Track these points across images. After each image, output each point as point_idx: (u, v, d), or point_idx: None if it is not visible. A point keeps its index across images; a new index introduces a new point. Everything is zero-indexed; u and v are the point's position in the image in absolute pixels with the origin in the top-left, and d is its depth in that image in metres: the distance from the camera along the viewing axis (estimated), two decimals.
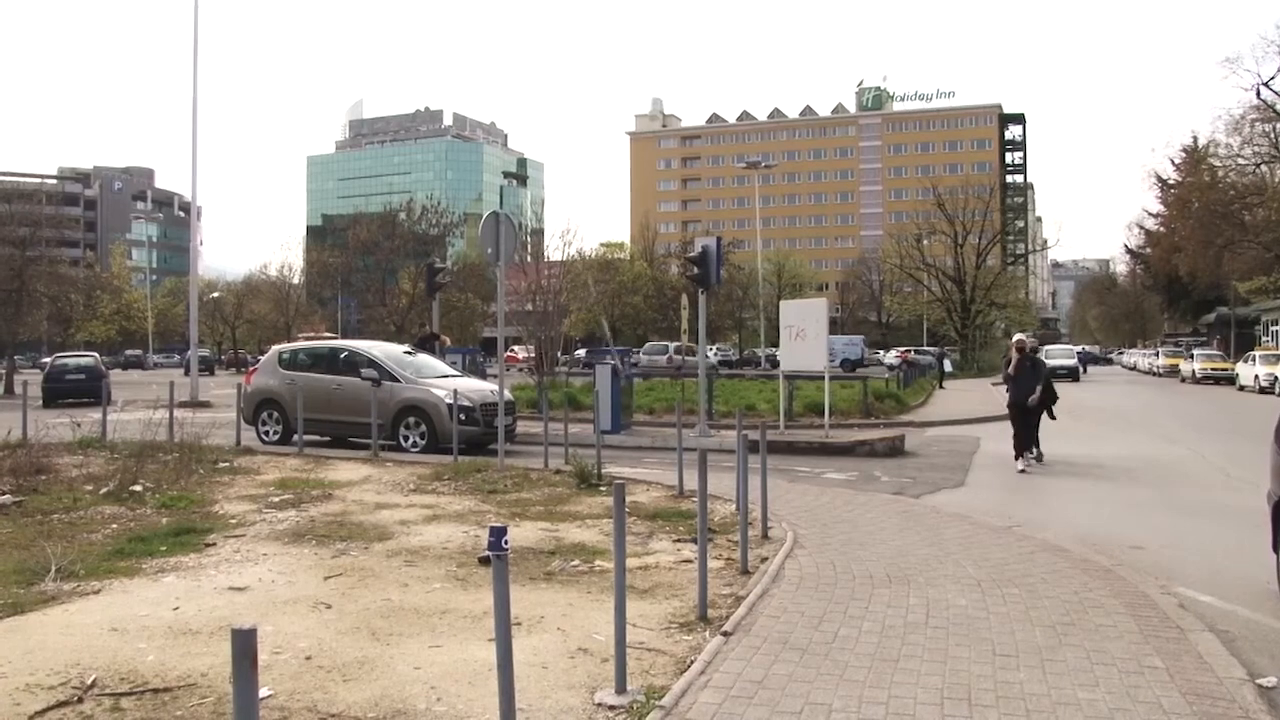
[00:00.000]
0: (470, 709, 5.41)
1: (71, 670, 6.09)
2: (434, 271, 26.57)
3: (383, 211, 68.52)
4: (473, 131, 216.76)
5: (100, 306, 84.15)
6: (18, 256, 46.39)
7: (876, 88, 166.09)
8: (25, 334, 57.02)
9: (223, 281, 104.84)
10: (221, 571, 8.80)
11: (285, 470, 15.78)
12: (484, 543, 9.44)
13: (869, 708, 5.43)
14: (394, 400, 19.09)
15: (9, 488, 13.06)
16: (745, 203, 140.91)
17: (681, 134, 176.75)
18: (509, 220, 16.24)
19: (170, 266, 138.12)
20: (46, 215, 55.07)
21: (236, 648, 2.72)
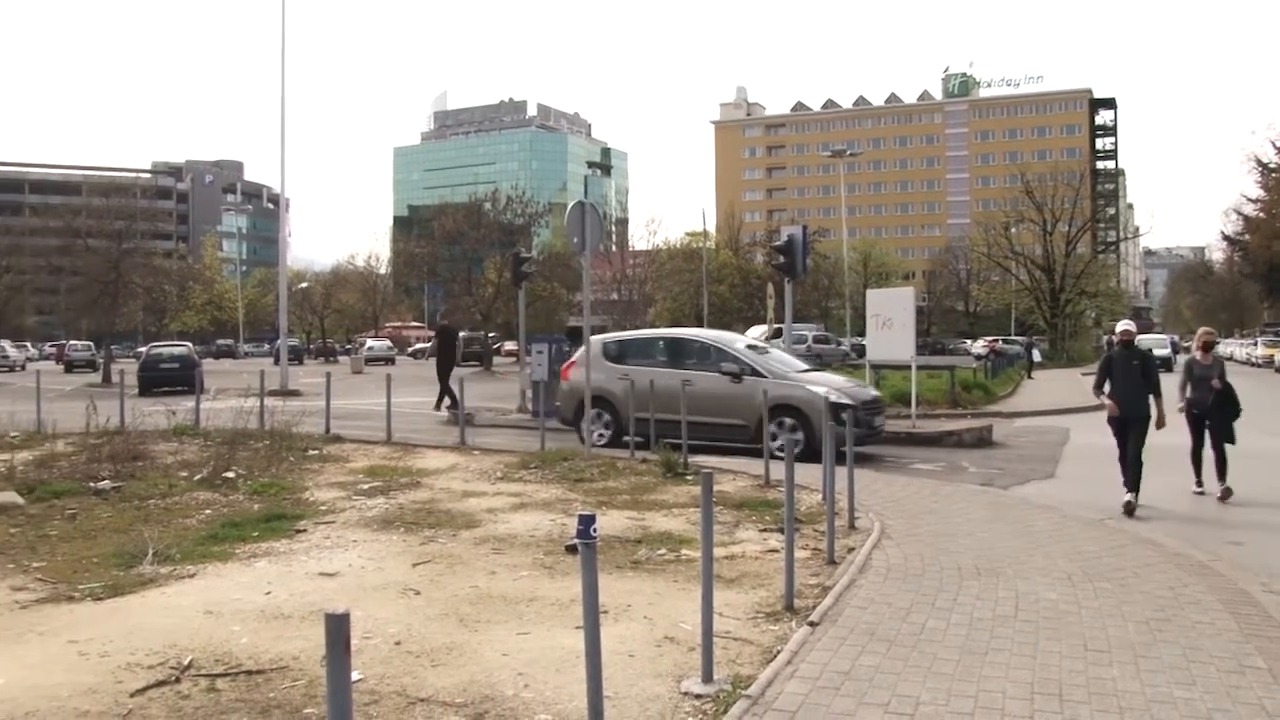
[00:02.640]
0: (557, 695, 5.45)
1: (169, 651, 6.25)
2: (520, 261, 26.74)
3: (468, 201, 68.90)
4: (557, 121, 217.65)
5: (193, 297, 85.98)
6: (114, 249, 47.55)
7: (963, 74, 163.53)
8: (122, 324, 58.52)
9: (311, 272, 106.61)
10: (312, 557, 8.97)
11: (374, 458, 16.00)
12: (570, 531, 9.51)
13: (957, 701, 5.37)
14: (760, 398, 16.27)
15: (108, 474, 13.42)
16: (830, 191, 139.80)
17: (766, 122, 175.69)
18: (594, 209, 16.28)
19: (260, 257, 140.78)
20: (141, 209, 56.34)
21: (330, 632, 2.77)
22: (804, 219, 74.43)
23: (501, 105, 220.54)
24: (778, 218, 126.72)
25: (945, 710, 5.24)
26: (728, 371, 17.23)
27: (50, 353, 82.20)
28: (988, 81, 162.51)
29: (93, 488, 12.44)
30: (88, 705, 5.38)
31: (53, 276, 55.74)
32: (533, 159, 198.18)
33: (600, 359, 18.56)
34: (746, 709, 5.20)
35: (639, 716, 5.20)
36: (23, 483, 12.65)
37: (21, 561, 8.93)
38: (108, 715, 5.25)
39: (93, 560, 8.96)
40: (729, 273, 79.02)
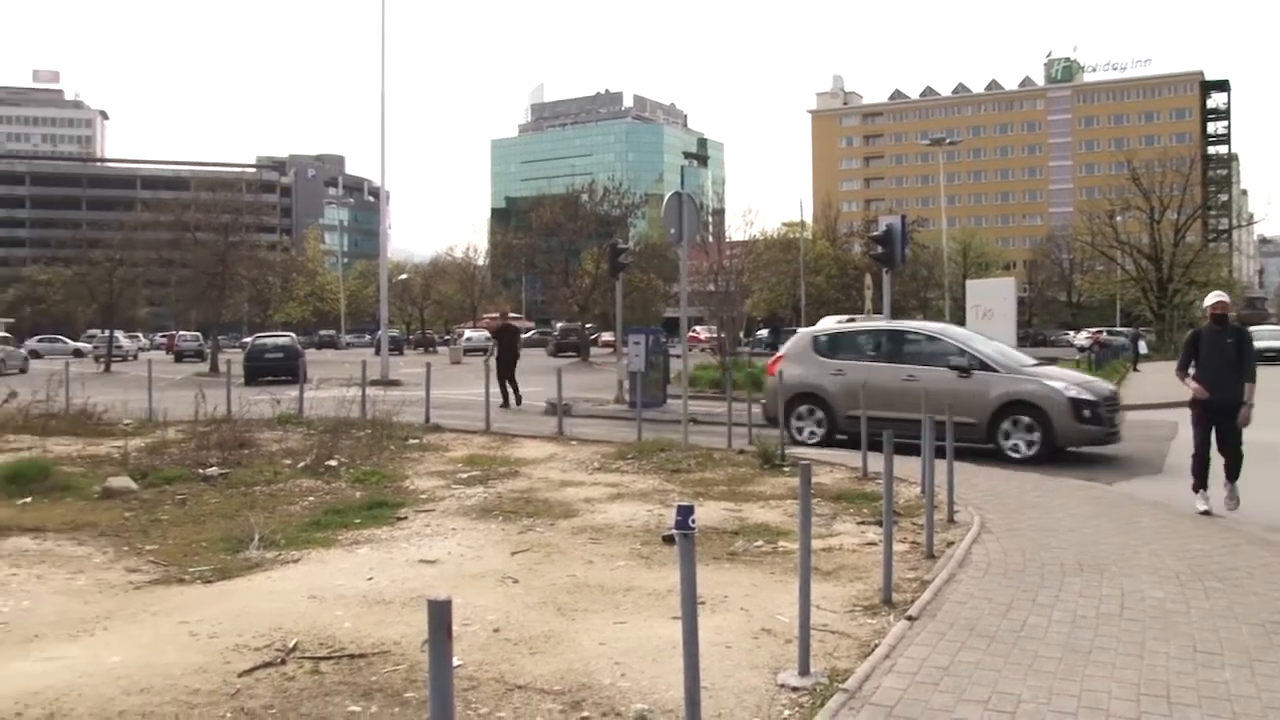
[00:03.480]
0: (654, 685, 5.47)
1: (275, 634, 6.40)
2: (617, 252, 26.86)
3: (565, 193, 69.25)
4: (653, 113, 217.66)
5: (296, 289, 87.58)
6: (221, 242, 48.70)
7: (1066, 59, 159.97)
8: (228, 315, 59.87)
9: (411, 263, 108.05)
10: (413, 545, 9.11)
11: (473, 447, 16.19)
12: (667, 521, 9.53)
13: (1060, 700, 5.27)
14: (992, 394, 15.47)
15: (216, 461, 13.78)
16: (929, 180, 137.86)
17: (863, 111, 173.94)
18: (691, 200, 16.27)
19: (361, 249, 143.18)
20: (246, 202, 57.61)
21: (433, 618, 2.81)
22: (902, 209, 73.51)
23: (598, 97, 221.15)
24: (875, 207, 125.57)
25: (1047, 709, 5.15)
26: (955, 366, 16.04)
27: (161, 343, 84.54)
28: (1092, 66, 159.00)
29: (201, 474, 12.79)
30: (198, 684, 5.53)
31: (163, 269, 57.18)
32: (629, 150, 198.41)
33: (810, 353, 17.79)
34: (844, 703, 5.17)
35: (735, 708, 5.20)
36: (136, 468, 13.06)
37: (135, 544, 9.23)
38: (217, 694, 5.40)
39: (202, 544, 9.23)
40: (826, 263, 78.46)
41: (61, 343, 72.10)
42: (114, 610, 7.07)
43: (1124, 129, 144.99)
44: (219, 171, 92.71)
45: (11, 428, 17.71)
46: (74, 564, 8.48)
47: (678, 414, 17.90)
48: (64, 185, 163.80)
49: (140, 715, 5.11)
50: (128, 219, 61.58)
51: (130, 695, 5.37)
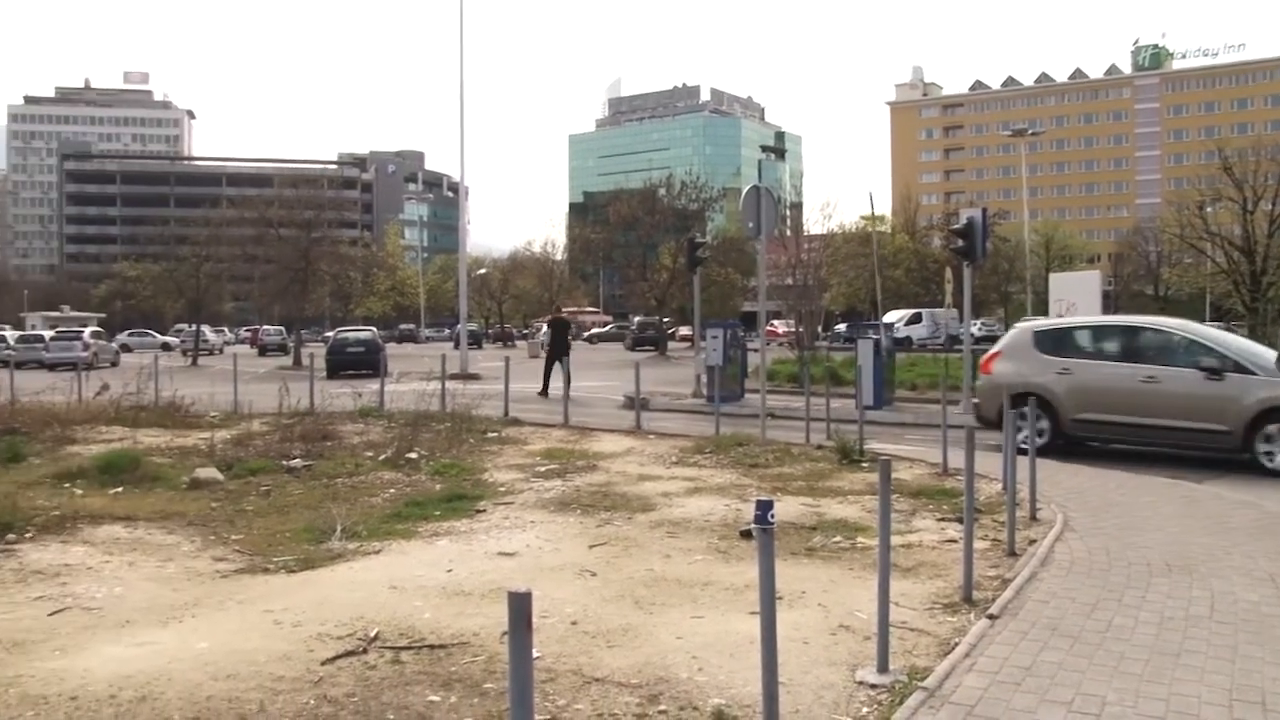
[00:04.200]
0: (731, 680, 5.46)
1: (356, 623, 6.49)
2: (695, 246, 26.81)
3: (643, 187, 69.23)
4: (730, 106, 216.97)
5: (376, 283, 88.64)
6: (304, 238, 49.44)
7: (1154, 45, 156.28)
8: (310, 310, 60.83)
9: (489, 258, 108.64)
10: (491, 537, 9.18)
11: (551, 441, 16.27)
12: (745, 516, 9.50)
13: (1147, 704, 5.16)
14: (1250, 399, 13.81)
15: (299, 452, 14.01)
16: (1011, 172, 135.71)
17: (943, 102, 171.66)
18: (769, 194, 16.20)
19: (440, 244, 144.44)
20: (328, 199, 58.49)
21: (513, 610, 2.83)
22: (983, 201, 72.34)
23: (675, 91, 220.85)
24: (955, 200, 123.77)
25: (1133, 712, 5.05)
26: (1206, 367, 14.38)
27: (245, 337, 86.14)
28: (1182, 53, 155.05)
29: (285, 466, 13.02)
30: (282, 671, 5.64)
31: (248, 265, 58.21)
32: (706, 144, 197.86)
33: (1031, 349, 16.37)
34: (923, 701, 5.11)
35: (813, 704, 5.18)
36: (222, 460, 13.34)
37: (222, 534, 9.44)
38: (300, 682, 5.49)
39: (285, 535, 9.39)
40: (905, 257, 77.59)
41: (150, 337, 73.94)
42: (201, 598, 7.23)
43: (1215, 117, 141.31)
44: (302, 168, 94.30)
45: (104, 419, 18.18)
46: (163, 552, 8.69)
47: (755, 408, 17.85)
48: (153, 184, 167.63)
49: (227, 701, 5.22)
50: (213, 216, 62.71)
51: (217, 681, 5.49)
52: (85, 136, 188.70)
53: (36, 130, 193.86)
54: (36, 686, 5.45)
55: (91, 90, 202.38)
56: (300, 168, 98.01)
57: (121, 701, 5.21)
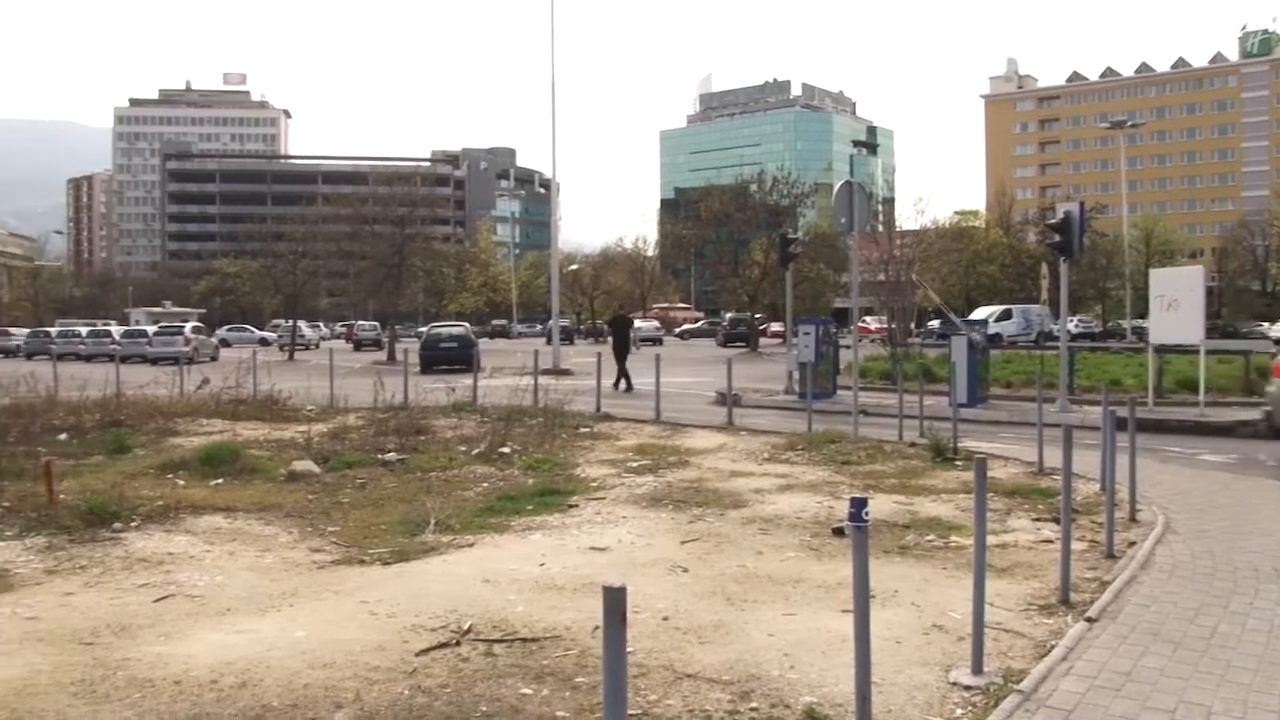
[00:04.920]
0: (823, 678, 5.42)
1: (450, 615, 6.57)
2: (787, 242, 26.66)
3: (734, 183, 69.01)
4: (821, 101, 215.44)
5: (469, 279, 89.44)
6: (398, 234, 50.03)
7: (1264, 31, 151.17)
8: (404, 305, 61.59)
9: (581, 254, 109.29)
10: (584, 532, 9.23)
11: (643, 436, 16.31)
12: (837, 513, 9.44)
13: (1257, 714, 4.99)
14: None
15: (394, 446, 14.22)
16: (1109, 165, 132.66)
17: (1039, 95, 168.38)
18: (862, 189, 16.06)
19: (532, 241, 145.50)
20: (421, 195, 59.06)
21: (608, 604, 2.84)
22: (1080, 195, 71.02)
23: (765, 86, 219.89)
24: (1051, 194, 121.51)
25: None
26: None
27: (340, 332, 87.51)
28: None
29: (380, 459, 13.22)
30: (377, 661, 5.73)
31: (343, 261, 59.13)
32: (797, 139, 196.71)
33: None
34: (1018, 704, 5.02)
35: (906, 704, 5.12)
36: (319, 453, 13.59)
37: (318, 525, 9.61)
38: (395, 672, 5.57)
39: (380, 527, 9.54)
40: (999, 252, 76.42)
41: (249, 332, 75.47)
42: (299, 588, 7.37)
43: None
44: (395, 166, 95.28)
45: (205, 412, 18.62)
46: (262, 542, 8.88)
47: (848, 405, 17.71)
48: (251, 182, 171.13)
49: (323, 689, 5.31)
50: (309, 213, 63.85)
51: (314, 669, 5.59)
52: (186, 137, 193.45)
53: (141, 132, 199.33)
54: (143, 670, 5.62)
55: (192, 92, 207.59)
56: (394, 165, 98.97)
57: (223, 687, 5.34)
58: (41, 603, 7.02)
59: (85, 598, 7.17)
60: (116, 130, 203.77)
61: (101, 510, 9.47)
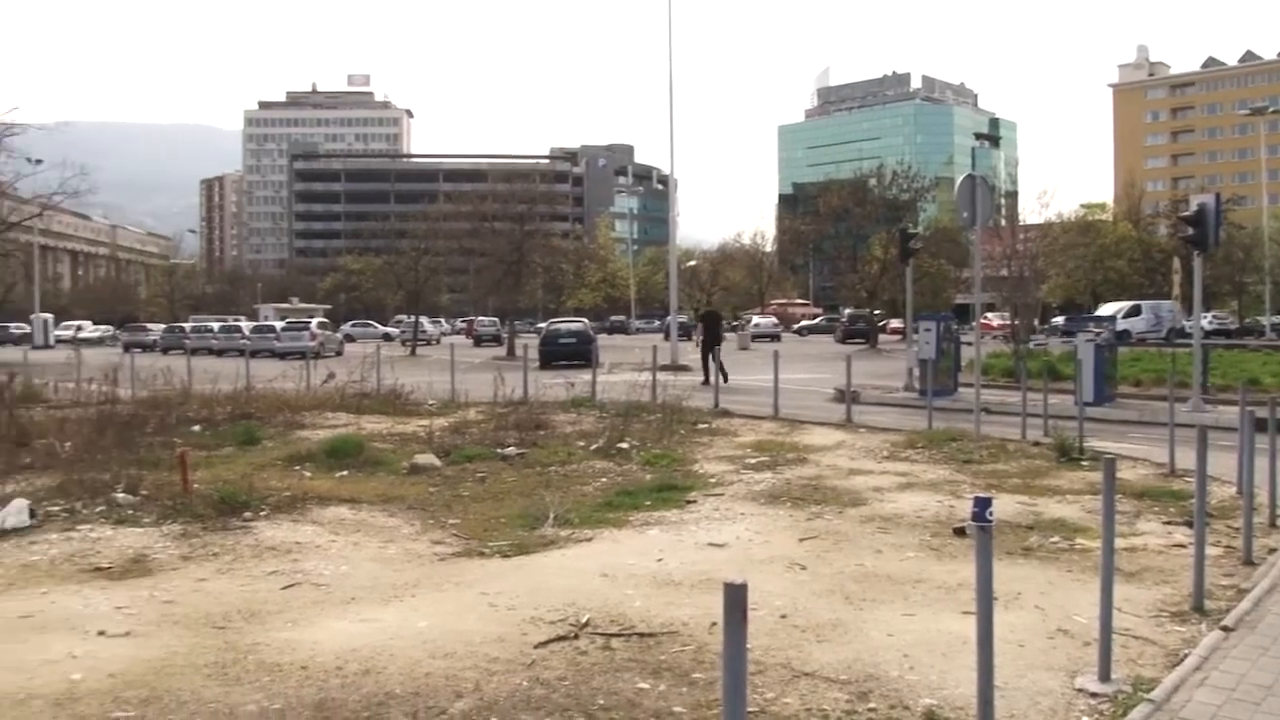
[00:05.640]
0: (943, 681, 5.33)
1: (568, 609, 6.62)
2: (907, 237, 26.33)
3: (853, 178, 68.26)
4: (941, 93, 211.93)
5: (588, 275, 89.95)
6: (517, 231, 50.55)
7: None
8: (524, 301, 62.22)
9: (699, 250, 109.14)
10: (701, 528, 9.22)
11: (761, 433, 16.24)
12: (958, 513, 9.28)
13: None
14: None
15: (513, 441, 14.38)
16: (1248, 154, 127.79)
17: (1171, 82, 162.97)
18: (985, 183, 15.75)
19: (650, 237, 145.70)
20: (540, 192, 59.61)
21: (728, 601, 2.83)
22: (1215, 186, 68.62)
23: (885, 79, 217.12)
24: (1184, 185, 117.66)
25: None
26: None
27: (461, 328, 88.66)
28: None
29: (500, 453, 13.38)
30: (497, 652, 5.81)
31: (463, 258, 59.88)
32: (917, 133, 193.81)
33: None
34: (1149, 714, 4.87)
35: (1029, 710, 5.01)
36: (440, 447, 13.81)
37: (440, 518, 9.78)
38: (514, 663, 5.64)
39: (500, 520, 9.67)
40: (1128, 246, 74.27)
41: (372, 327, 77.05)
42: (421, 579, 7.51)
43: None
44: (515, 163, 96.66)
45: (330, 406, 19.08)
46: (385, 534, 9.07)
47: (969, 403, 17.40)
48: (374, 181, 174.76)
49: (444, 678, 5.41)
50: (431, 210, 64.87)
51: (435, 659, 5.69)
52: (313, 137, 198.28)
53: (269, 133, 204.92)
54: (272, 655, 5.80)
55: (318, 94, 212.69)
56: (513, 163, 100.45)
57: (347, 674, 5.48)
58: (177, 587, 7.29)
59: (218, 583, 7.42)
60: (246, 132, 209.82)
61: (233, 500, 9.78)
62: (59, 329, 72.04)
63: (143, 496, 10.12)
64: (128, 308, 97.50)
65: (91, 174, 52.98)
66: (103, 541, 8.61)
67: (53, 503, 9.92)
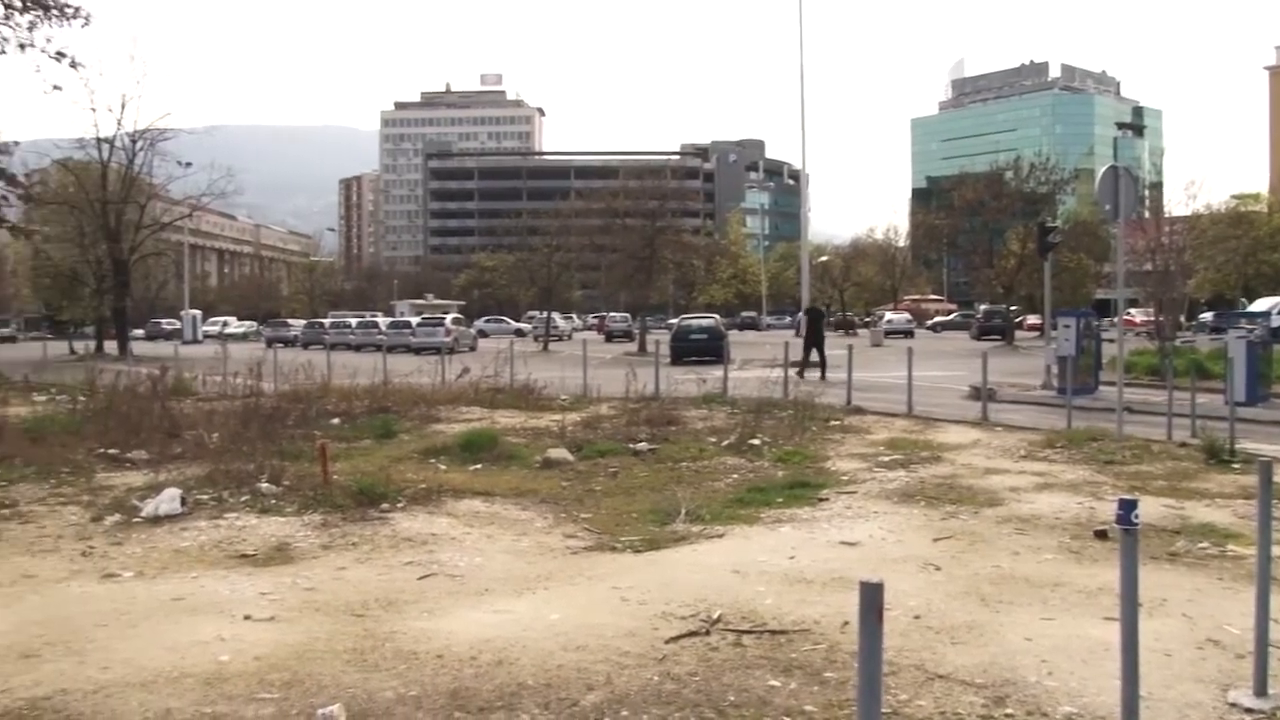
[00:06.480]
0: (1084, 688, 5.18)
1: (699, 604, 6.62)
2: (1046, 231, 25.75)
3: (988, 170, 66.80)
4: (1081, 82, 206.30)
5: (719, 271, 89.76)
6: (648, 227, 50.75)
7: None
8: (655, 297, 62.43)
9: (830, 245, 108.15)
10: (834, 526, 9.14)
11: (894, 431, 16.01)
12: (1099, 515, 9.03)
13: None
14: None
15: (645, 436, 14.44)
16: None
17: None
18: (1128, 174, 15.26)
19: (781, 232, 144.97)
20: (671, 189, 59.73)
21: (864, 600, 2.79)
22: None
23: (1022, 69, 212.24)
24: None
25: None
26: None
27: (592, 324, 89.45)
28: None
29: (631, 448, 13.46)
30: (628, 646, 5.84)
31: (595, 254, 60.38)
32: (1056, 123, 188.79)
33: None
34: None
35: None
36: (572, 441, 13.96)
37: (572, 512, 9.88)
38: (645, 658, 5.66)
39: (632, 515, 9.73)
40: None
41: (505, 323, 78.28)
42: (553, 572, 7.59)
43: None
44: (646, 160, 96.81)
45: (464, 400, 19.39)
46: (518, 527, 9.19)
47: (1110, 402, 16.90)
48: (507, 178, 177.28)
49: (576, 671, 5.46)
50: (563, 207, 65.62)
51: (567, 651, 5.75)
52: (447, 136, 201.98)
53: (405, 133, 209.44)
54: (408, 643, 5.93)
55: (452, 94, 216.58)
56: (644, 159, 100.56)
57: (481, 664, 5.57)
58: (318, 575, 7.50)
59: (356, 572, 7.61)
60: (383, 132, 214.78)
61: (371, 491, 10.03)
62: (207, 325, 74.97)
63: (285, 487, 10.44)
64: (270, 304, 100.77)
65: (238, 176, 55.03)
66: (248, 529, 8.93)
67: (202, 491, 10.31)
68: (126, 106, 53.43)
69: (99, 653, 5.80)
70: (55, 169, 51.86)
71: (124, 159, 50.58)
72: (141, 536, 8.75)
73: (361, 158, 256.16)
